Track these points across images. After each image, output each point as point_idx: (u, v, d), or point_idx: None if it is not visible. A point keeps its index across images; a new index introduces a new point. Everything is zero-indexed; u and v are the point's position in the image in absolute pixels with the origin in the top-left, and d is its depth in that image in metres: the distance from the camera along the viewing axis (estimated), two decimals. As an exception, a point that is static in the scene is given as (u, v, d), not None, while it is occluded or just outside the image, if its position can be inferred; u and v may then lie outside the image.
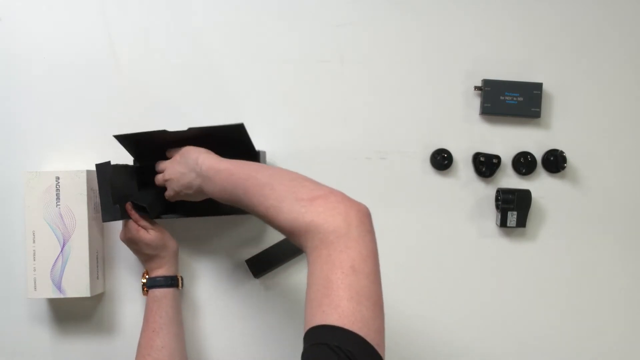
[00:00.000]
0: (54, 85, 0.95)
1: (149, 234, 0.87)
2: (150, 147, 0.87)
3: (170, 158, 0.86)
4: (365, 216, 0.60)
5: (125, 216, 0.86)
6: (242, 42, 0.95)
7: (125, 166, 0.89)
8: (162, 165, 0.87)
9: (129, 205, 0.86)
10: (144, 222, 0.87)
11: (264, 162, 0.92)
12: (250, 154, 0.88)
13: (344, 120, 0.96)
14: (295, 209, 0.60)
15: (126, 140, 0.86)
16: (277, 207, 0.62)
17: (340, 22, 0.95)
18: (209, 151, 0.80)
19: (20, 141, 0.95)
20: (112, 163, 0.84)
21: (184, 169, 0.80)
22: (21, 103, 0.95)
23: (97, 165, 0.84)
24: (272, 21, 0.95)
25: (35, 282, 0.88)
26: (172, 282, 0.89)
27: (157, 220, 0.89)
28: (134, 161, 0.92)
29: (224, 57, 0.95)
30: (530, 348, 0.96)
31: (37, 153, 0.95)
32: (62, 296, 0.88)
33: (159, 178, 0.86)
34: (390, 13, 0.95)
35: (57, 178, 0.88)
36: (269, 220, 0.65)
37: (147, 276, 0.90)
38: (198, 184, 0.77)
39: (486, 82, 0.94)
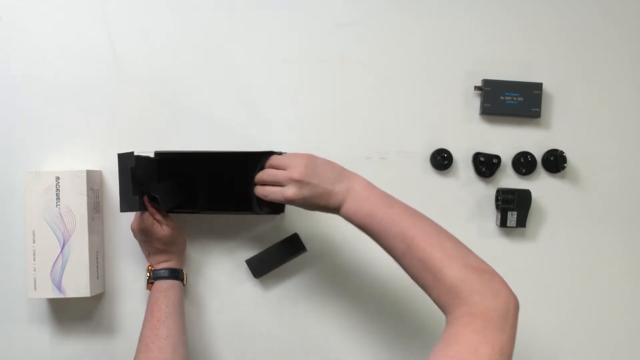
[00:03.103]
0: (54, 85, 0.95)
1: (162, 229, 0.86)
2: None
3: (282, 158, 0.82)
4: (518, 308, 0.64)
5: (142, 207, 0.86)
6: (242, 42, 0.95)
7: (147, 158, 0.88)
8: (279, 160, 0.81)
9: (146, 198, 0.85)
10: (159, 217, 0.87)
11: None
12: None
13: (344, 120, 0.96)
14: (464, 272, 0.65)
15: (161, 154, 0.89)
16: (444, 261, 0.66)
17: (340, 22, 0.95)
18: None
19: (20, 141, 0.95)
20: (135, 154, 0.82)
21: (329, 175, 0.77)
22: (21, 103, 0.95)
23: (120, 155, 0.82)
24: (272, 21, 0.95)
25: (35, 282, 0.88)
26: (177, 274, 0.89)
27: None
28: (155, 153, 0.90)
29: (224, 57, 0.95)
30: (530, 348, 0.96)
31: (37, 153, 0.95)
32: (62, 296, 0.88)
33: (278, 174, 0.79)
34: (390, 13, 0.95)
35: (57, 178, 0.88)
36: (422, 266, 0.68)
37: (151, 269, 0.90)
38: (342, 198, 0.76)
39: (486, 82, 0.94)
